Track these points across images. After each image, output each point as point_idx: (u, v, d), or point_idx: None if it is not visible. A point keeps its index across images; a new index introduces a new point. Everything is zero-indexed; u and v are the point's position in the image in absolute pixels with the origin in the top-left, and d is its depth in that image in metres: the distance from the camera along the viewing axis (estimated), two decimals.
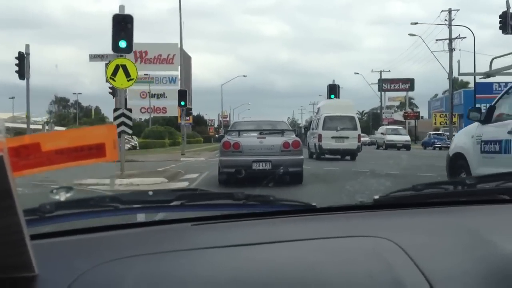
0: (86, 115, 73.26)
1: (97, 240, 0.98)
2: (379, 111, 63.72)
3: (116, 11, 10.52)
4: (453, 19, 31.10)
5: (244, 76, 54.34)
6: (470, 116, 6.26)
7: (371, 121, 64.79)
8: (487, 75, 6.94)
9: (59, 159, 0.79)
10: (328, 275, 0.85)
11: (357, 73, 38.35)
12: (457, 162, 6.23)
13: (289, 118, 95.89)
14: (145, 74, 63.04)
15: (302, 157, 9.04)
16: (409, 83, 53.46)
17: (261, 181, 8.29)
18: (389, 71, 51.35)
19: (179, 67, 65.24)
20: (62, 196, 1.01)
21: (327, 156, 18.11)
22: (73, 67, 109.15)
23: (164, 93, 62.33)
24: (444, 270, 0.85)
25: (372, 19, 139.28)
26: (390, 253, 0.89)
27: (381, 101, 55.58)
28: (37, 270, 0.66)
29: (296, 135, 9.52)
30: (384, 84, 49.31)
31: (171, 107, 57.74)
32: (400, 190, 1.28)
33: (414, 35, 31.81)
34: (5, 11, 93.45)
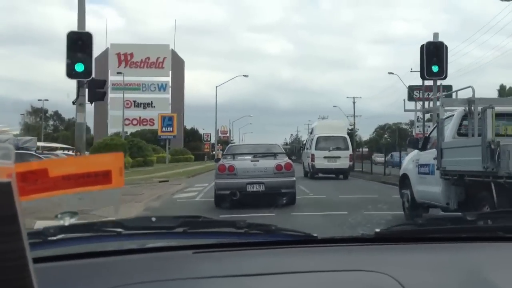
0: (68, 129, 69.38)
1: (99, 266, 1.04)
2: (405, 125, 63.52)
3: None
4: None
5: (245, 76, 50.87)
6: (410, 144, 8.80)
7: (397, 137, 62.04)
8: (427, 111, 9.30)
9: (65, 184, 0.86)
10: None
11: (392, 73, 39.03)
12: (405, 181, 8.41)
13: (292, 135, 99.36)
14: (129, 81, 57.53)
15: (294, 178, 10.05)
16: (445, 91, 50.49)
17: (256, 203, 8.96)
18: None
19: (170, 72, 60.96)
20: (66, 221, 1.07)
21: (320, 175, 19.74)
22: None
23: (152, 102, 57.63)
24: None
25: (375, 38, 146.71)
26: None
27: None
28: None
29: (296, 151, 10.44)
30: (416, 92, 45.67)
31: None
32: (401, 224, 1.40)
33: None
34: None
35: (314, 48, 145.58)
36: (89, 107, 20.23)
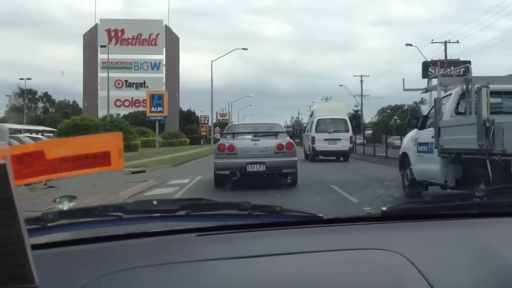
0: (58, 111, 67.78)
1: (100, 251, 1.04)
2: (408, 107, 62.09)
3: (117, 10, 9.00)
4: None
5: (244, 49, 46.95)
6: (409, 123, 9.07)
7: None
8: (426, 90, 8.95)
9: (63, 167, 0.86)
10: None
11: (410, 45, 35.10)
12: (404, 160, 8.72)
13: (292, 117, 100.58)
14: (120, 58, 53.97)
15: (296, 158, 9.96)
16: (464, 68, 44.26)
17: (257, 183, 8.97)
18: (457, 41, 43.74)
19: (164, 49, 57.90)
20: (65, 205, 1.08)
21: (321, 157, 20.20)
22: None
23: (145, 82, 55.12)
24: (454, 284, 0.93)
25: (375, 20, 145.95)
26: (400, 267, 0.97)
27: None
28: (37, 281, 0.70)
29: (298, 134, 10.40)
30: (431, 69, 39.66)
31: None
32: (407, 202, 1.40)
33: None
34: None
35: (314, 30, 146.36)
36: (79, 88, 19.96)
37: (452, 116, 7.37)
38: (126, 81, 55.68)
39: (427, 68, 35.79)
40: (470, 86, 6.91)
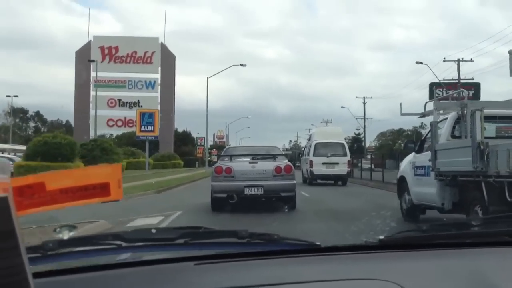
0: (51, 131, 66.64)
1: (99, 279, 1.06)
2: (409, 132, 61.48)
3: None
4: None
5: (242, 65, 41.10)
6: (406, 147, 9.53)
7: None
8: (422, 115, 9.19)
9: (63, 198, 0.89)
10: None
11: (421, 63, 35.93)
12: (402, 183, 8.94)
13: (290, 141, 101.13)
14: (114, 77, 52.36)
15: (294, 181, 9.90)
16: (473, 89, 37.49)
17: (254, 206, 8.86)
18: (471, 60, 38.04)
19: (159, 68, 56.44)
20: (65, 234, 1.11)
21: (319, 181, 20.59)
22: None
23: (138, 101, 53.88)
24: None
25: (373, 45, 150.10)
26: None
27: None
28: None
29: (296, 157, 10.40)
30: (438, 91, 38.22)
31: None
32: (405, 231, 1.41)
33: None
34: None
35: (312, 53, 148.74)
36: (70, 107, 19.47)
37: (448, 140, 7.59)
38: (119, 100, 54.01)
39: (432, 90, 35.59)
40: (465, 111, 7.18)
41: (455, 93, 8.44)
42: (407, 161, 9.14)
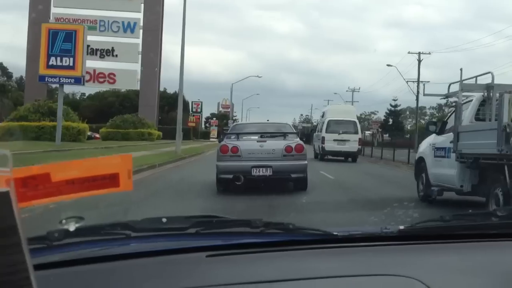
0: (20, 88, 51.59)
1: (106, 271, 1.09)
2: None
3: None
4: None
5: (259, 76, 41.60)
6: (428, 128, 10.02)
7: None
8: (446, 96, 10.04)
9: (70, 189, 0.94)
10: None
11: (390, 65, 41.17)
12: (420, 164, 9.53)
13: (301, 115, 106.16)
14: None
15: (305, 162, 9.82)
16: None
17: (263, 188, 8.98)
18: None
19: (142, 5, 45.17)
20: (71, 226, 1.13)
21: (329, 157, 22.36)
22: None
23: (113, 49, 43.08)
24: None
25: (387, 21, 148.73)
26: None
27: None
28: None
29: (306, 133, 10.47)
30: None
31: (124, 74, 41.28)
32: (426, 221, 1.43)
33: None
34: None
35: (325, 29, 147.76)
36: (22, 53, 16.06)
37: (471, 122, 8.04)
38: (87, 46, 31.16)
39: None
40: (491, 93, 7.63)
41: (483, 74, 8.86)
42: (426, 142, 9.64)
